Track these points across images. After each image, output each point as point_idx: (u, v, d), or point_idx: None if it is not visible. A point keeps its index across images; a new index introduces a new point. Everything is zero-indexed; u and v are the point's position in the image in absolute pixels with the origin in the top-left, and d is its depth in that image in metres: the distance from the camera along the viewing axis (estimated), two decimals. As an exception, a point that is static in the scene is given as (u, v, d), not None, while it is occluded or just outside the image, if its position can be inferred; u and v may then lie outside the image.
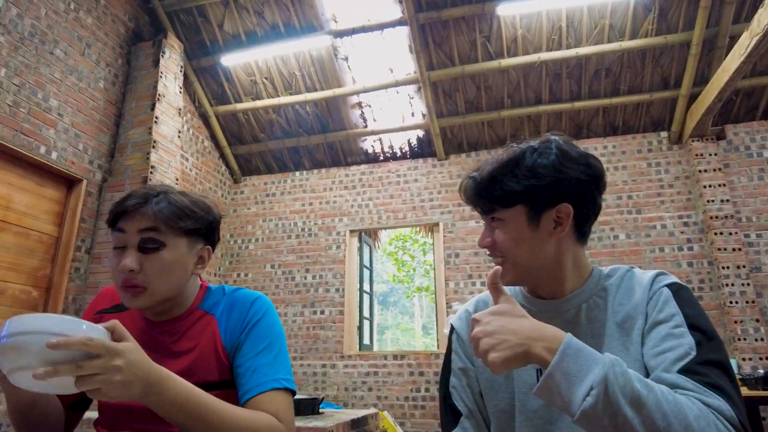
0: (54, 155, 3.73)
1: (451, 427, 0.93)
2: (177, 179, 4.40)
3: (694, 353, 0.73)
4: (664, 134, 5.00)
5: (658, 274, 0.87)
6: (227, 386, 0.97)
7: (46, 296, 3.72)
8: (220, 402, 0.84)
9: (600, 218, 4.87)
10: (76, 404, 1.05)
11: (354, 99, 5.36)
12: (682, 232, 4.67)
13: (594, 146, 5.07)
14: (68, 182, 3.96)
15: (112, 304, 1.08)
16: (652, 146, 5.00)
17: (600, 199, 0.91)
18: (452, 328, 1.06)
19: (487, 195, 0.89)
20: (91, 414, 1.10)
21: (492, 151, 5.33)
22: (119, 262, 0.92)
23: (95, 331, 0.70)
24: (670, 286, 0.84)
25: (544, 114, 5.12)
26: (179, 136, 4.55)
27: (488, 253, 0.93)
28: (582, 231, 0.91)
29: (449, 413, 0.95)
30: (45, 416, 0.96)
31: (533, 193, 0.85)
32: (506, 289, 0.97)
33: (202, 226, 1.00)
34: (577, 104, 4.98)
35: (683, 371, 0.72)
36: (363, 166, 5.67)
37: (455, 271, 5.07)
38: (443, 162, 5.44)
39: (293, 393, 0.97)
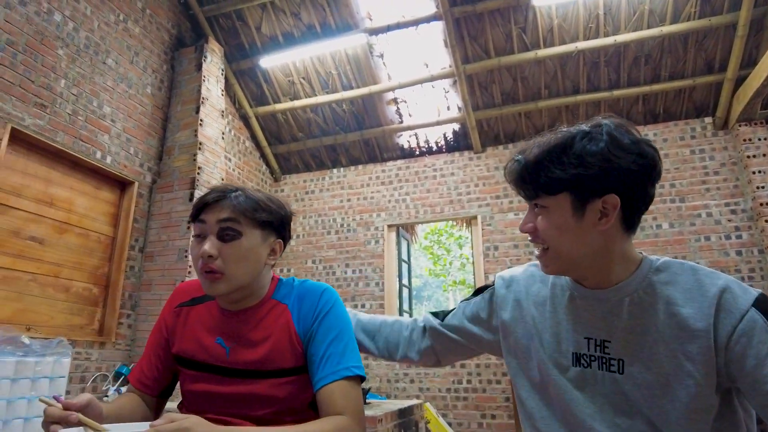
0: (108, 159, 3.94)
1: (436, 317, 1.15)
2: (222, 179, 4.56)
3: None
4: (708, 120, 4.86)
5: (726, 291, 0.80)
6: (301, 372, 1.04)
7: (105, 293, 3.93)
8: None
9: (643, 208, 4.82)
10: (163, 393, 1.16)
11: (390, 95, 5.42)
12: (729, 220, 4.55)
13: (635, 134, 4.98)
14: (121, 185, 4.16)
15: (190, 298, 1.16)
16: (695, 133, 4.87)
17: (652, 189, 0.86)
18: (493, 285, 1.10)
19: (531, 180, 0.87)
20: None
21: (530, 142, 5.29)
22: (200, 249, 1.00)
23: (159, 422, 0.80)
24: (755, 309, 0.77)
25: (582, 103, 5.06)
26: (222, 138, 4.71)
27: (530, 239, 0.91)
28: (630, 222, 0.86)
29: (440, 312, 1.16)
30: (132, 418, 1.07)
31: (579, 183, 0.82)
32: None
33: (275, 220, 1.07)
34: (616, 92, 4.90)
35: None
36: (399, 162, 5.73)
37: (495, 264, 5.08)
38: (480, 155, 5.44)
39: (363, 378, 1.04)
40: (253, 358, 1.04)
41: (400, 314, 5.50)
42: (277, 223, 1.08)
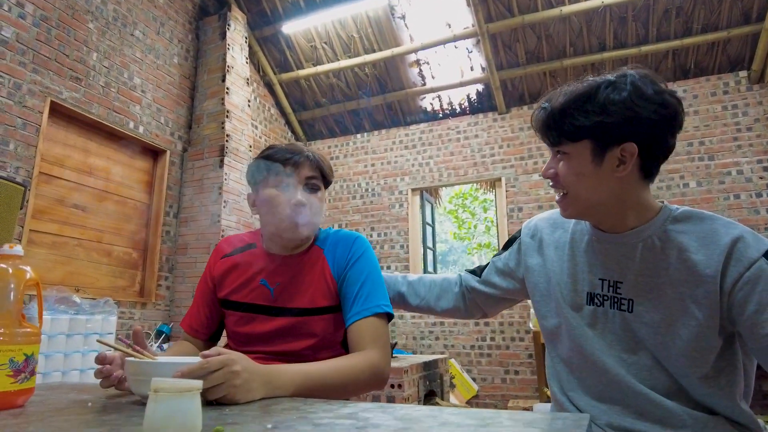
0: (141, 129, 4.09)
1: (474, 274, 1.26)
2: (251, 146, 4.69)
3: None
4: (743, 74, 4.70)
5: (739, 240, 0.83)
6: (335, 310, 1.17)
7: (144, 257, 4.16)
8: (326, 366, 1.00)
9: (669, 166, 4.72)
10: (212, 337, 1.30)
11: (412, 57, 5.39)
12: (761, 178, 4.45)
13: (664, 91, 4.86)
14: (154, 153, 4.33)
15: (233, 248, 1.29)
16: (728, 88, 4.72)
17: (673, 139, 0.89)
18: (520, 235, 1.19)
19: (555, 127, 0.91)
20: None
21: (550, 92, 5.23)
22: (290, 197, 1.13)
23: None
24: (766, 256, 0.81)
25: (609, 61, 4.94)
26: (249, 105, 4.81)
27: (551, 184, 0.97)
28: (648, 170, 0.90)
29: (477, 269, 1.26)
30: None
31: (600, 130, 0.86)
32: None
33: (331, 180, 1.25)
34: (644, 48, 4.76)
35: None
36: (423, 125, 5.74)
37: (519, 226, 5.11)
38: (504, 116, 5.41)
39: (390, 316, 1.15)
40: (294, 298, 1.16)
41: (426, 275, 5.62)
42: (329, 183, 1.25)
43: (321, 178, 1.19)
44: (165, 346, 3.91)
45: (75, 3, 3.61)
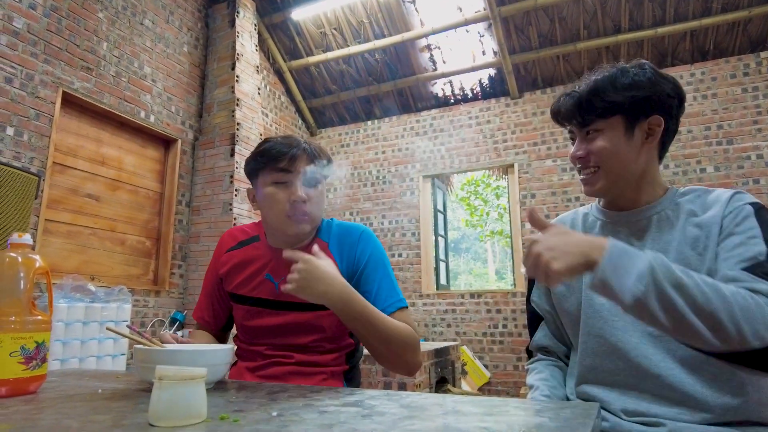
0: (152, 118, 4.10)
1: (534, 329, 1.10)
2: (261, 135, 4.69)
3: (762, 258, 0.80)
4: (764, 54, 4.57)
5: (736, 192, 0.93)
6: None
7: (157, 246, 4.20)
8: (381, 314, 1.05)
9: (685, 151, 4.63)
10: (223, 328, 1.32)
11: (423, 42, 5.33)
12: (781, 161, 4.35)
13: (680, 74, 4.75)
14: (165, 142, 4.35)
15: (237, 242, 1.29)
16: (749, 69, 4.60)
17: (677, 123, 1.00)
18: None
19: (587, 107, 0.97)
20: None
21: (568, 86, 5.14)
22: (289, 194, 1.13)
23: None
24: (752, 204, 0.90)
25: (624, 43, 4.83)
26: (259, 93, 4.80)
27: (578, 166, 1.02)
28: (664, 146, 1.01)
29: (533, 318, 1.13)
30: None
31: (632, 105, 0.94)
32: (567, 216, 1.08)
33: (331, 171, 1.22)
34: (661, 30, 4.65)
35: (746, 269, 0.79)
36: (434, 111, 5.69)
37: (531, 212, 5.07)
38: (517, 101, 5.34)
39: (407, 307, 1.17)
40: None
41: (437, 264, 5.62)
42: (330, 174, 1.23)
43: (320, 170, 1.17)
44: (180, 333, 3.95)
45: (84, -8, 3.62)
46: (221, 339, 1.33)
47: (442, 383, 3.42)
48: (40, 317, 0.89)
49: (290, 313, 1.15)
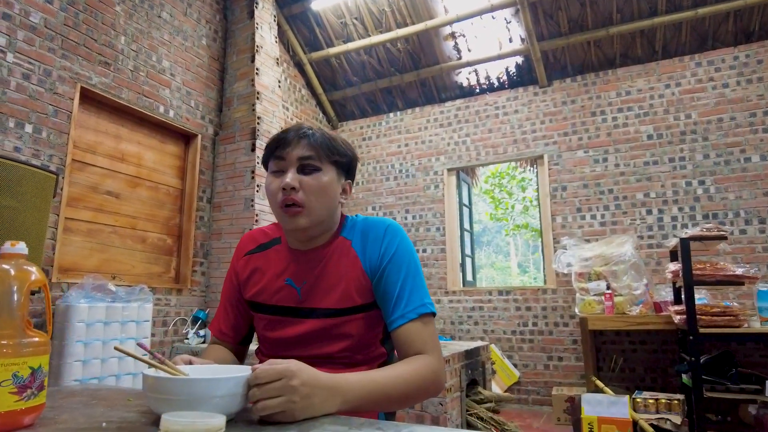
0: (171, 113, 4.02)
1: None
2: (282, 128, 4.56)
3: None
4: (813, 34, 4.27)
5: None
6: (371, 308, 1.05)
7: (179, 243, 4.12)
8: (390, 374, 0.91)
9: (728, 139, 4.36)
10: (243, 340, 1.20)
11: (447, 30, 5.13)
12: (834, 149, 4.06)
13: (722, 57, 4.47)
14: (185, 138, 4.26)
15: (257, 245, 1.17)
16: (797, 50, 4.30)
17: None
18: None
19: None
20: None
21: (600, 73, 4.91)
22: (279, 183, 1.01)
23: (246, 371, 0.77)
24: None
25: (660, 27, 4.57)
26: (279, 86, 4.68)
27: None
28: None
29: None
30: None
31: None
32: None
33: (347, 161, 1.09)
34: (702, 11, 4.37)
35: None
36: (458, 101, 5.50)
37: (562, 205, 4.86)
38: (545, 89, 5.11)
39: (434, 314, 1.03)
40: (323, 297, 1.05)
41: (462, 260, 5.45)
42: (347, 165, 1.10)
43: (323, 157, 1.03)
44: (201, 332, 3.88)
45: (101, -15, 3.53)
46: (240, 353, 1.20)
47: (472, 386, 3.27)
48: (36, 338, 0.77)
49: (315, 321, 1.04)
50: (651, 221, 4.51)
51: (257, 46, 4.47)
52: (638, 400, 3.19)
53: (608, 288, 4.02)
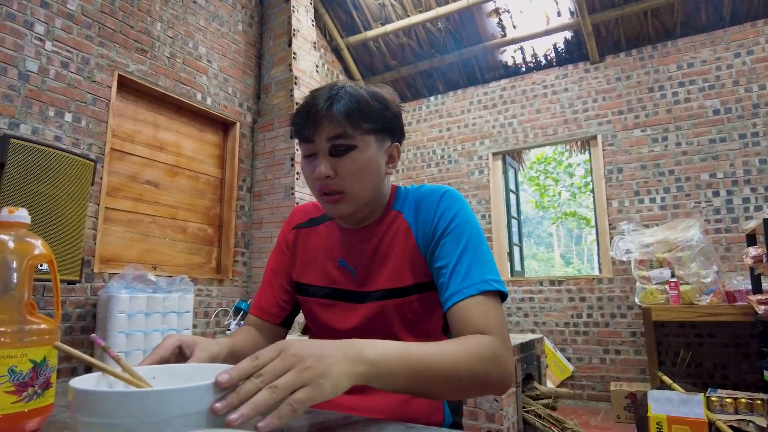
0: (209, 101, 3.93)
1: None
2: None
3: None
4: None
5: None
6: (429, 288, 0.90)
7: (219, 233, 4.05)
8: (429, 346, 0.71)
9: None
10: (286, 320, 1.05)
11: (490, 6, 4.86)
12: None
13: (801, 20, 4.04)
14: (224, 126, 4.18)
15: (308, 218, 1.06)
16: None
17: None
18: None
19: None
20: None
21: (659, 45, 4.53)
22: (313, 169, 0.88)
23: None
24: None
25: (729, -11, 4.17)
26: (317, 71, 4.54)
27: None
28: None
29: None
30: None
31: None
32: None
33: (386, 122, 0.90)
34: (778, -31, 3.96)
35: None
36: (503, 81, 5.23)
37: (618, 189, 4.54)
38: (597, 65, 4.78)
39: (503, 295, 0.83)
40: (377, 278, 0.92)
41: (510, 249, 5.20)
42: (389, 126, 0.91)
43: (356, 130, 0.86)
44: (243, 323, 3.79)
45: (136, -30, 3.46)
46: (278, 336, 1.04)
47: (527, 381, 3.06)
48: (42, 325, 0.63)
49: (370, 305, 0.92)
50: (718, 204, 4.14)
51: (294, 30, 4.34)
52: (713, 398, 2.90)
53: (673, 276, 3.70)
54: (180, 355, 0.75)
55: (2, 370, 0.57)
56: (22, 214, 0.65)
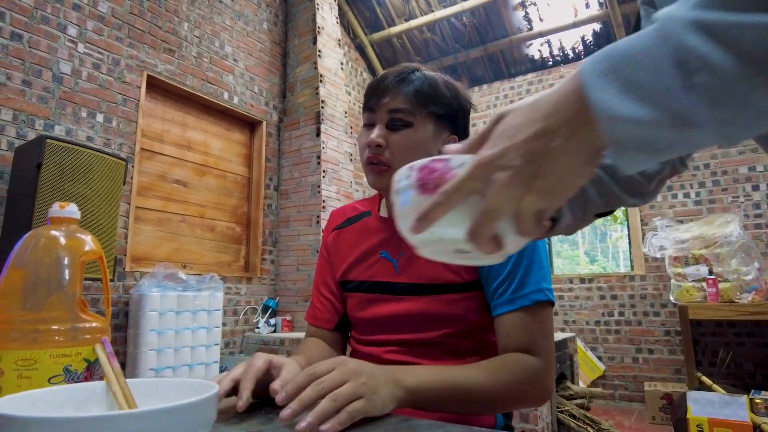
0: (236, 100, 3.95)
1: None
2: (346, 112, 4.42)
3: None
4: None
5: None
6: (476, 287, 0.87)
7: (247, 231, 4.07)
8: (470, 372, 0.75)
9: None
10: (340, 325, 1.04)
11: (516, -1, 4.78)
12: None
13: None
14: (250, 125, 4.20)
15: (345, 218, 1.07)
16: None
17: None
18: None
19: None
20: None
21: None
22: (367, 137, 0.90)
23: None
24: None
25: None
26: (342, 68, 4.52)
27: None
28: None
29: None
30: None
31: None
32: None
33: (452, 112, 0.90)
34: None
35: None
36: (530, 76, 5.13)
37: (651, 183, 4.41)
38: (628, 57, 4.65)
39: (552, 304, 0.83)
40: (422, 271, 0.89)
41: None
42: (452, 116, 0.91)
43: (418, 109, 0.87)
44: (272, 320, 3.81)
45: (164, -29, 3.49)
46: (336, 342, 1.04)
47: (561, 380, 2.99)
48: (94, 323, 0.61)
49: (414, 299, 0.90)
50: (758, 198, 3.99)
51: (318, 28, 4.32)
52: (758, 401, 2.79)
53: (710, 273, 3.58)
54: (267, 374, 0.71)
55: (58, 369, 0.56)
56: (73, 210, 0.64)
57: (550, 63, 5.06)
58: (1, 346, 0.54)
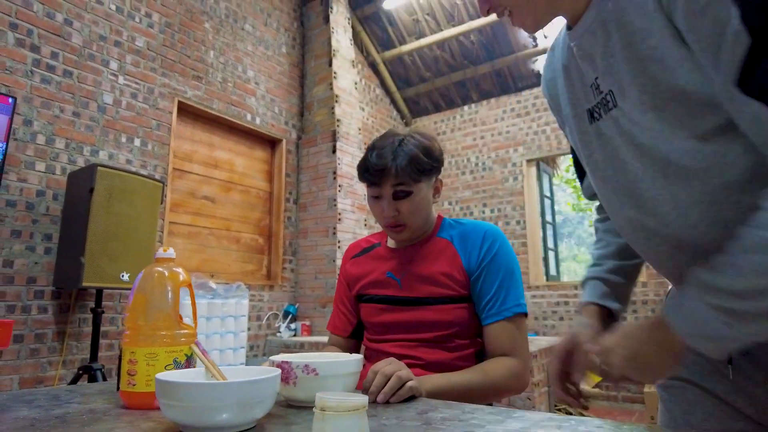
0: (258, 120, 4.26)
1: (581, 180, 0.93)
2: (359, 129, 4.70)
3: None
4: None
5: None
6: (465, 301, 1.15)
7: (269, 242, 4.37)
8: (469, 377, 1.06)
9: None
10: (353, 333, 1.33)
11: (521, 19, 5.02)
12: None
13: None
14: (271, 143, 4.50)
15: (361, 249, 1.36)
16: None
17: None
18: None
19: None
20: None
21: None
22: (381, 210, 1.17)
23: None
24: None
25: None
26: (356, 87, 4.81)
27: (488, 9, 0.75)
28: None
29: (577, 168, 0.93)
30: None
31: None
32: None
33: (435, 167, 1.19)
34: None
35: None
36: (535, 90, 5.37)
37: (651, 193, 4.61)
38: (629, 72, 4.86)
39: (526, 315, 1.15)
40: (421, 287, 1.17)
41: (545, 253, 5.33)
42: (436, 170, 1.21)
43: (413, 179, 1.13)
44: (293, 325, 4.10)
45: (192, 6, 3.81)
46: (351, 346, 1.34)
47: (561, 381, 3.21)
48: (187, 330, 0.89)
49: (414, 309, 1.17)
50: (755, 207, 4.16)
51: (334, 51, 4.62)
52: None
53: (707, 279, 3.77)
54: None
55: (169, 360, 0.84)
56: (170, 253, 0.92)
57: (555, 78, 5.28)
58: (136, 345, 0.83)
